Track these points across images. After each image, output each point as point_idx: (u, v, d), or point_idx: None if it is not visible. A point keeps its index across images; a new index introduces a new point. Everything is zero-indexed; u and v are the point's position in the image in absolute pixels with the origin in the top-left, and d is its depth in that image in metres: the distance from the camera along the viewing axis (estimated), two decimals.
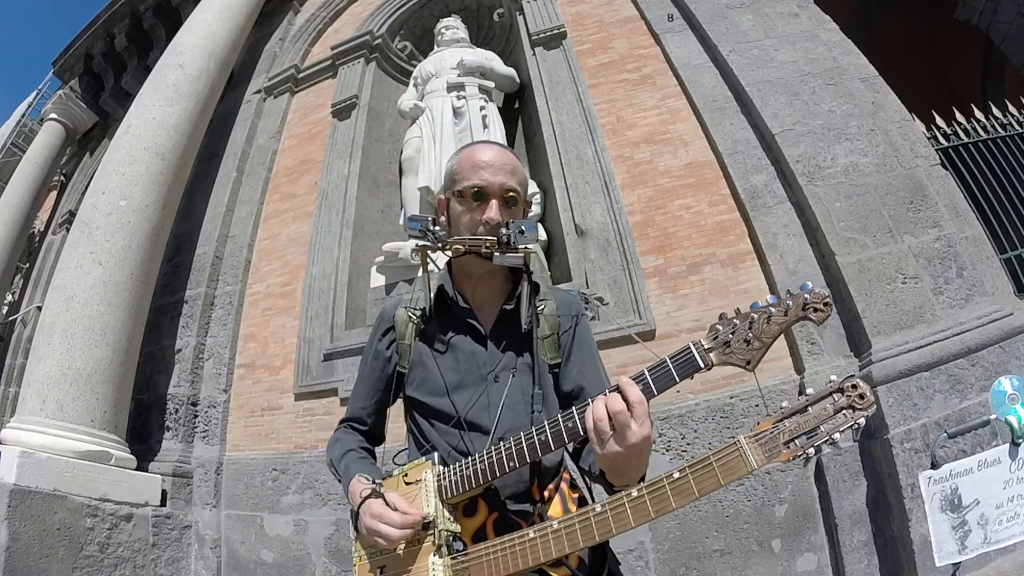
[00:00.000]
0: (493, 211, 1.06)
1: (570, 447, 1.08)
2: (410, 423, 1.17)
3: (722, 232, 3.48)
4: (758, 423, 0.81)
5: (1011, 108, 3.87)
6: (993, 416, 2.21)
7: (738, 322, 0.83)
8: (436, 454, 1.02)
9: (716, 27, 4.06)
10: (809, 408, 0.78)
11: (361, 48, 5.44)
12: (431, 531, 0.95)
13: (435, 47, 5.34)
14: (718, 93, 3.86)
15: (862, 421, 0.75)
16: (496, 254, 1.03)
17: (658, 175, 3.79)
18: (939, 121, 3.80)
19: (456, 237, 1.07)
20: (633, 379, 0.85)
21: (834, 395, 0.78)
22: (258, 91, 5.82)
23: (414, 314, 1.16)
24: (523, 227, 1.02)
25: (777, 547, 2.72)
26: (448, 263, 1.20)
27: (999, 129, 3.78)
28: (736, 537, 2.77)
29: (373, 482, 1.02)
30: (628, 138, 3.99)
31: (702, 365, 0.83)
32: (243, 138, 5.45)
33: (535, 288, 1.14)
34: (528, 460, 0.91)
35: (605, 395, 0.85)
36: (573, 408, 0.90)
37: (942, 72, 8.35)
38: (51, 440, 3.28)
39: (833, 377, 0.79)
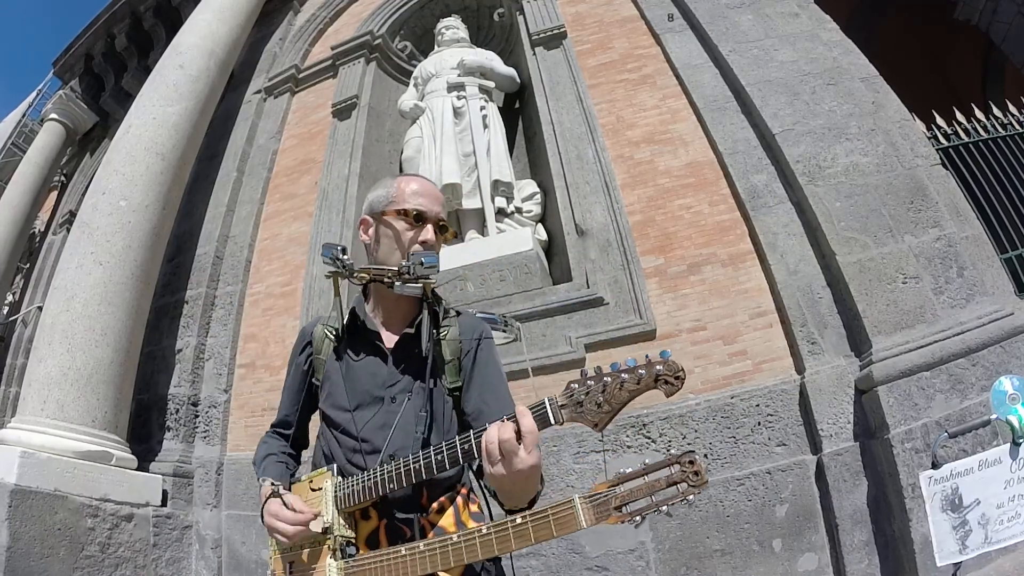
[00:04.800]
0: (430, 233, 1.19)
1: (451, 471, 1.13)
2: (320, 431, 1.27)
3: (722, 232, 3.48)
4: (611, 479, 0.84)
5: (1011, 108, 3.87)
6: (994, 416, 2.20)
7: (592, 384, 0.86)
8: (334, 465, 1.14)
9: (716, 27, 4.06)
10: (646, 476, 0.81)
11: (361, 48, 5.44)
12: (329, 536, 1.07)
13: (435, 47, 5.34)
14: (718, 93, 3.86)
15: (691, 498, 0.78)
16: (396, 284, 1.12)
17: (658, 175, 3.79)
18: (939, 121, 3.80)
19: (362, 267, 1.17)
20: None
21: (672, 467, 0.80)
22: (258, 91, 5.82)
23: (330, 332, 1.26)
24: (423, 259, 1.10)
25: (778, 547, 2.72)
26: (365, 287, 1.29)
27: (999, 129, 3.78)
28: (737, 537, 2.77)
29: (273, 484, 1.14)
30: (628, 138, 3.99)
31: (553, 422, 0.88)
32: (243, 138, 5.45)
33: (435, 316, 1.21)
34: (406, 484, 1.01)
35: (502, 421, 0.91)
36: (456, 439, 0.96)
37: (942, 72, 8.35)
38: (52, 440, 3.28)
39: (673, 450, 0.83)
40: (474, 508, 1.18)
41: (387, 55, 5.62)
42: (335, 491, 1.10)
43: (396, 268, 1.13)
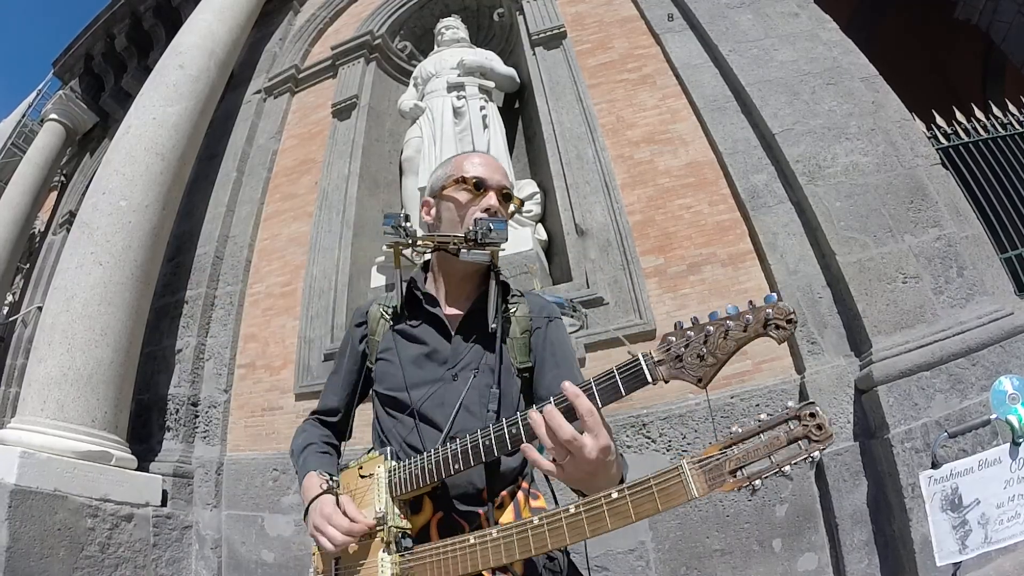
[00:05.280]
0: (492, 200, 1.12)
1: (515, 462, 1.05)
2: (374, 416, 1.17)
3: (722, 232, 3.48)
4: (712, 443, 0.75)
5: (1011, 108, 3.87)
6: (993, 416, 2.20)
7: (692, 334, 0.77)
8: (388, 449, 1.03)
9: (716, 27, 4.06)
10: (761, 435, 0.71)
11: (361, 48, 5.44)
12: (381, 527, 0.95)
13: (435, 47, 5.34)
14: (718, 93, 3.86)
15: (816, 455, 0.68)
16: (463, 251, 1.04)
17: (658, 175, 3.79)
18: (939, 121, 3.80)
19: (425, 234, 1.10)
20: (581, 388, 0.80)
21: (790, 422, 0.71)
22: (258, 91, 5.82)
23: (386, 311, 1.18)
24: (491, 224, 1.03)
25: (778, 547, 2.72)
26: (426, 262, 1.23)
27: (999, 129, 3.78)
28: (736, 537, 2.77)
29: (330, 479, 1.03)
30: (628, 138, 3.99)
31: (650, 380, 0.78)
32: (243, 138, 5.45)
33: (506, 289, 1.15)
34: (473, 463, 0.89)
35: (552, 408, 0.80)
36: (517, 414, 0.87)
37: (942, 72, 8.35)
38: (52, 440, 3.28)
39: (790, 403, 0.72)
40: (536, 503, 1.08)
41: (387, 55, 5.62)
42: (389, 476, 0.97)
43: (462, 235, 1.05)
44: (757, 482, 0.69)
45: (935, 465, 2.24)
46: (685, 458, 0.72)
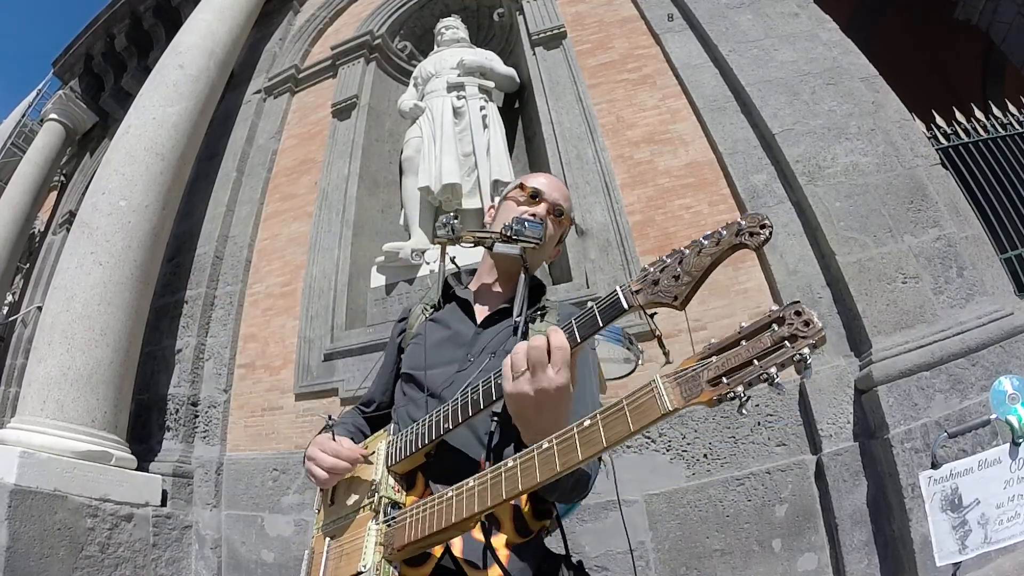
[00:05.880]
0: (540, 208, 1.19)
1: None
2: (395, 399, 1.21)
3: None
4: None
5: (1011, 108, 3.87)
6: (993, 416, 2.20)
7: (669, 260, 0.77)
8: (391, 425, 1.06)
9: (716, 27, 4.06)
10: (743, 342, 0.64)
11: (361, 48, 5.44)
12: (371, 499, 0.97)
13: (435, 47, 5.35)
14: (718, 93, 3.86)
15: (806, 351, 0.59)
16: (496, 244, 1.10)
17: (658, 175, 3.79)
18: (939, 121, 3.80)
19: (468, 230, 1.16)
20: (562, 328, 0.81)
21: (773, 326, 0.63)
22: (258, 91, 5.82)
23: (427, 308, 1.25)
24: (526, 222, 1.09)
25: (777, 547, 2.72)
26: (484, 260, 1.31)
27: (999, 129, 3.78)
28: (736, 537, 2.77)
29: (331, 418, 1.07)
30: (628, 138, 3.99)
31: (626, 306, 0.77)
32: (243, 138, 5.45)
33: (541, 290, 1.20)
34: (462, 419, 0.90)
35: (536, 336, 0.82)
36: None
37: (942, 72, 8.35)
38: (51, 440, 3.28)
39: (774, 307, 0.65)
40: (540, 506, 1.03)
41: (387, 55, 5.62)
42: (387, 448, 1.00)
43: (499, 231, 1.10)
44: (739, 388, 0.62)
45: (935, 465, 2.24)
46: (659, 374, 0.68)
